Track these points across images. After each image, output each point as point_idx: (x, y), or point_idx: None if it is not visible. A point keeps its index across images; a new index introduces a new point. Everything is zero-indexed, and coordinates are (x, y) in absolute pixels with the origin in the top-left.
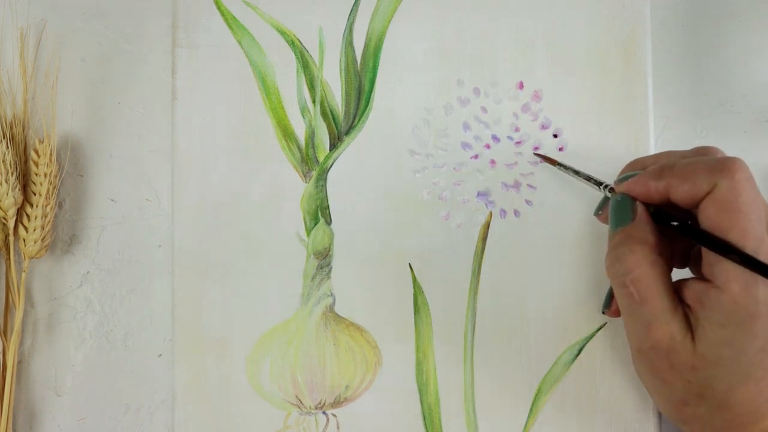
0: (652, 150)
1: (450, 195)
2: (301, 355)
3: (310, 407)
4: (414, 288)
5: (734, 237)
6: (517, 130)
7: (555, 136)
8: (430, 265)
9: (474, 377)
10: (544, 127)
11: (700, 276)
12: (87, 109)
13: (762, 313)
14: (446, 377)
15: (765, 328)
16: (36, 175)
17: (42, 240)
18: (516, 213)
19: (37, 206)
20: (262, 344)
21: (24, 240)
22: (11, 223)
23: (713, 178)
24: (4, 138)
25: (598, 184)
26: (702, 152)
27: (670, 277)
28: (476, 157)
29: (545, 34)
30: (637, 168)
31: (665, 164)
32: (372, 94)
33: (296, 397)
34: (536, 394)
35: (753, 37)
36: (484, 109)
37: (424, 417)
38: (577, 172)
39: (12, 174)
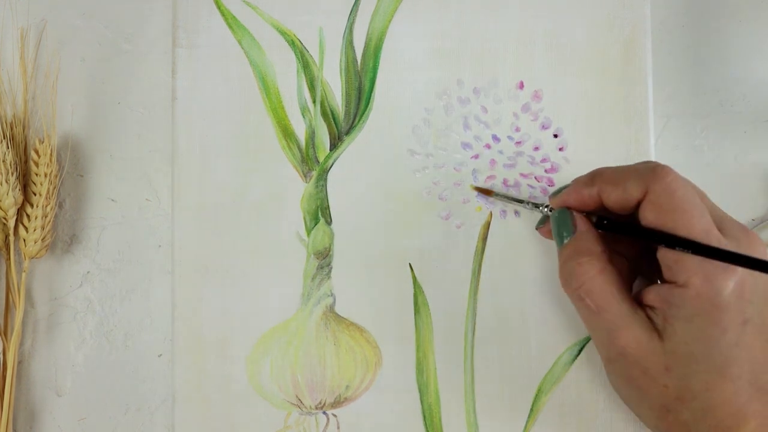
0: (653, 150)
1: (450, 195)
2: (301, 355)
3: (311, 407)
4: (414, 288)
5: (681, 234)
6: (517, 130)
7: (555, 136)
8: (430, 265)
9: (474, 377)
10: (544, 127)
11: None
12: (87, 109)
13: (728, 305)
14: (446, 377)
15: (734, 321)
16: (36, 175)
17: (42, 240)
18: (516, 213)
19: (37, 206)
20: (262, 344)
21: (24, 240)
22: (11, 223)
23: (644, 183)
24: (4, 138)
25: (536, 206)
26: (637, 164)
27: (624, 284)
28: (476, 157)
29: (545, 34)
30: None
31: (596, 171)
32: (372, 94)
33: (296, 397)
34: (536, 394)
35: (753, 37)
36: (484, 109)
37: (424, 417)
38: (514, 200)
39: (12, 174)
